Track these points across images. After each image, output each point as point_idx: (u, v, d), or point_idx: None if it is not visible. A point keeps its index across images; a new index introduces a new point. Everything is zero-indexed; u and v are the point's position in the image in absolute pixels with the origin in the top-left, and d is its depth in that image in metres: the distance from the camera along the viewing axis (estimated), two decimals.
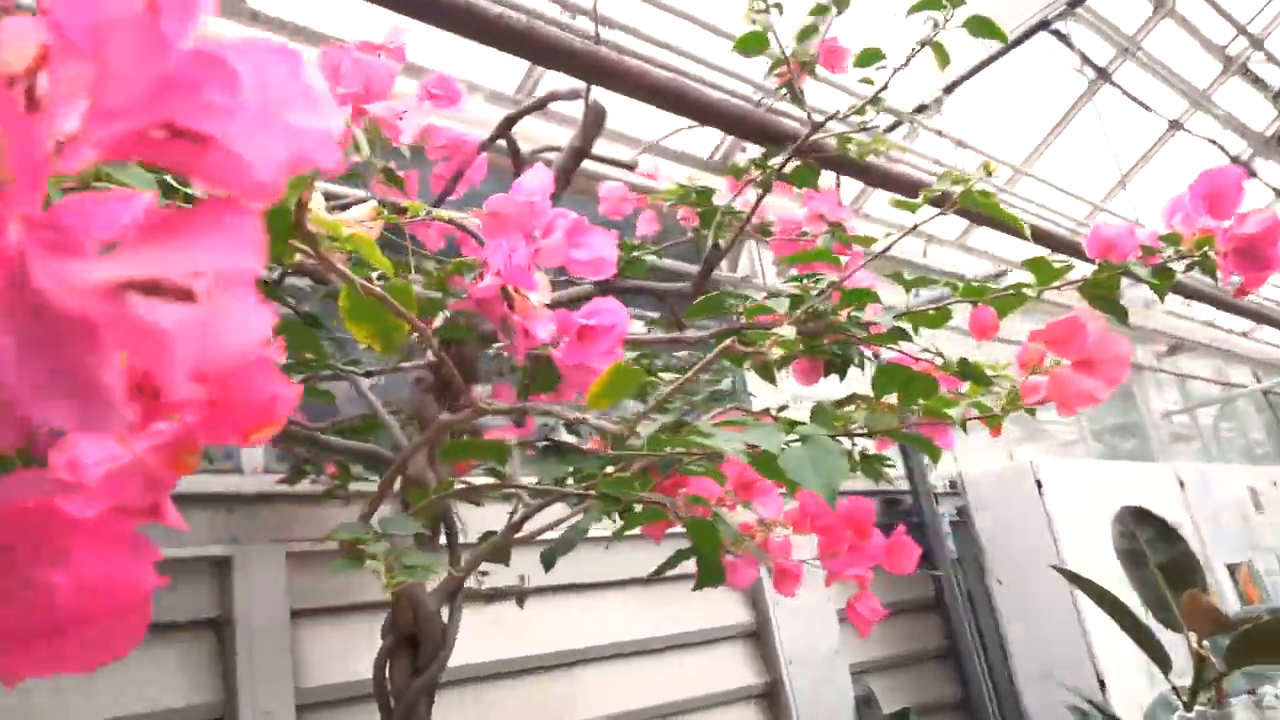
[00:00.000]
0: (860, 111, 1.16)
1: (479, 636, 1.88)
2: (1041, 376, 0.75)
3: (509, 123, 1.23)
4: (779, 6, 1.12)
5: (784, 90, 1.31)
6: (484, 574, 1.64)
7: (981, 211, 0.84)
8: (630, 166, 1.38)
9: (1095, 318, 0.73)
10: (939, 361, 0.91)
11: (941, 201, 0.88)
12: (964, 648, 2.58)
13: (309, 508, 1.63)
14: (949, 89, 2.61)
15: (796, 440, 0.75)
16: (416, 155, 1.35)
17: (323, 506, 1.63)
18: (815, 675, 2.32)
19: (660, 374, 1.20)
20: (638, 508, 0.98)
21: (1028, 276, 0.94)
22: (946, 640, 2.70)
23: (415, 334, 0.64)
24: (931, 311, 0.91)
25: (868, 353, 1.22)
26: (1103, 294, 0.88)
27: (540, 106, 1.22)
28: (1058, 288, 0.89)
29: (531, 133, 1.44)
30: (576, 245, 0.83)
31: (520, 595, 1.76)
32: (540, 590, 2.03)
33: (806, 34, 1.32)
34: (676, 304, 1.19)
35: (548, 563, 0.96)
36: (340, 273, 0.53)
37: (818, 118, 1.21)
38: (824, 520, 1.14)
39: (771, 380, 1.23)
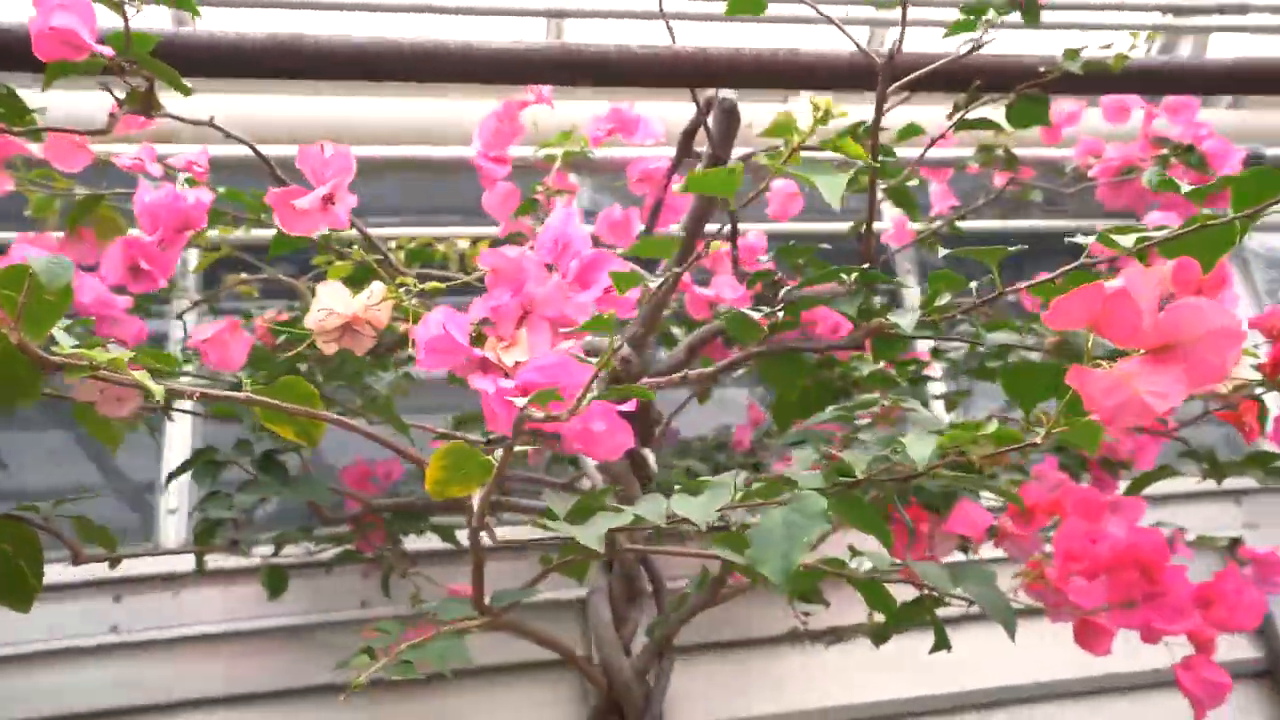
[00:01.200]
0: None
1: (877, 674, 1.75)
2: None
3: (687, 139, 1.15)
4: None
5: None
6: (806, 615, 1.53)
7: None
8: None
9: (1151, 276, 0.42)
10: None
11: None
12: None
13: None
14: None
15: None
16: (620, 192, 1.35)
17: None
18: None
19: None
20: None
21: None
22: None
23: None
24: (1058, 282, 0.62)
25: None
26: None
27: (705, 115, 1.11)
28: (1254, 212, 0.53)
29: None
30: (585, 286, 0.75)
31: (877, 634, 1.61)
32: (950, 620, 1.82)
33: None
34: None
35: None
36: (149, 387, 0.54)
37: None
38: (1083, 563, 0.84)
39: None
